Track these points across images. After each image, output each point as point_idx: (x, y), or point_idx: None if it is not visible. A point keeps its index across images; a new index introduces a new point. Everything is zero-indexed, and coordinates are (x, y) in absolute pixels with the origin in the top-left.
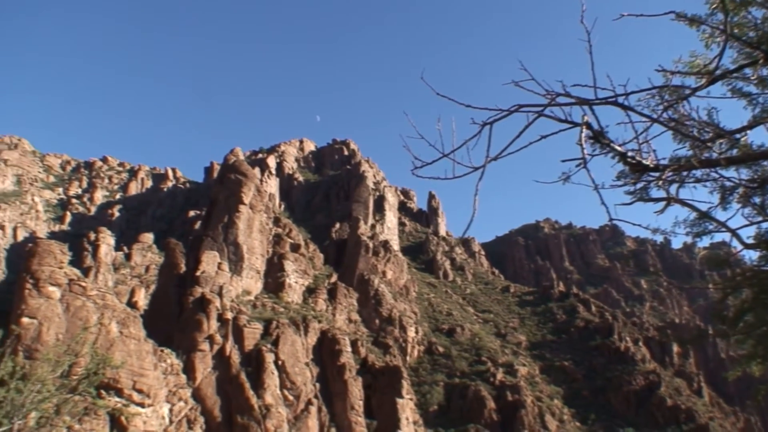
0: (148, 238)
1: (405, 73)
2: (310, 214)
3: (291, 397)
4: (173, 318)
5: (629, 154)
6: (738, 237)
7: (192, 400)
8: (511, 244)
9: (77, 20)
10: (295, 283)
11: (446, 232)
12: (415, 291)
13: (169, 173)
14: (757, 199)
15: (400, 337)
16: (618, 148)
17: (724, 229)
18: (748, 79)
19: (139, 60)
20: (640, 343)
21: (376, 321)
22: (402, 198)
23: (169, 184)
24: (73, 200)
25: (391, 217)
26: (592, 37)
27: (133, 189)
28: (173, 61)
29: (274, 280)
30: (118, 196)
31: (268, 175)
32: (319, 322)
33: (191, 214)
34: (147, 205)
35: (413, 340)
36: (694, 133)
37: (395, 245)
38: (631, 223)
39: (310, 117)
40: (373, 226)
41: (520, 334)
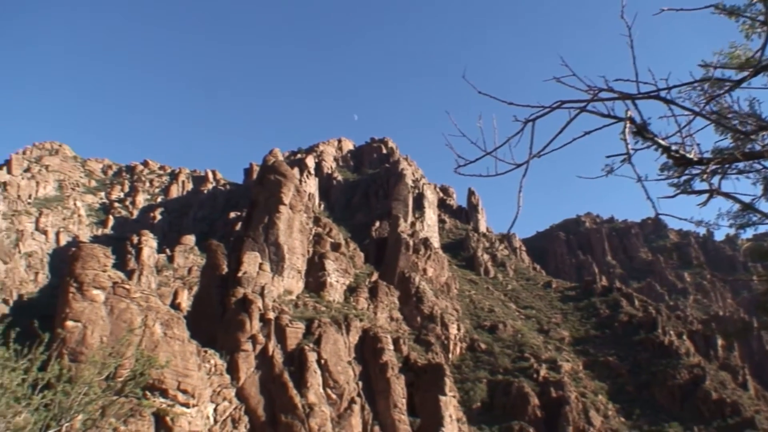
0: (190, 240)
1: (443, 71)
2: (350, 213)
3: (334, 396)
4: (216, 319)
5: (673, 148)
6: None
7: (236, 400)
8: (553, 240)
9: (116, 26)
10: (336, 282)
11: (486, 229)
12: (456, 288)
13: (209, 175)
14: None
15: (442, 335)
16: (662, 142)
17: None
18: None
19: (178, 64)
20: (684, 337)
21: (418, 319)
22: (441, 195)
23: (210, 186)
24: (116, 204)
25: (431, 214)
26: (633, 31)
27: (174, 192)
28: (212, 65)
29: (315, 279)
30: (159, 199)
31: (307, 175)
32: (361, 320)
33: (232, 215)
34: (188, 207)
35: (455, 337)
36: (736, 125)
37: (435, 242)
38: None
39: (348, 116)
40: (413, 224)
41: (563, 330)
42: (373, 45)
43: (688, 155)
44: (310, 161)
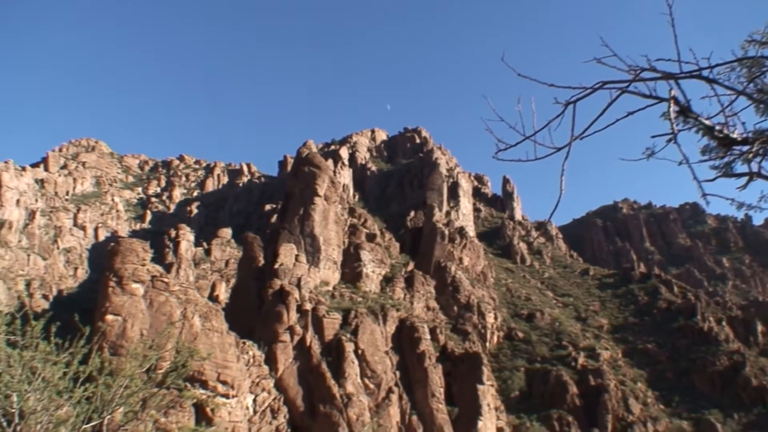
0: (227, 233)
1: (475, 58)
2: (385, 204)
3: (372, 386)
4: (254, 310)
5: (716, 128)
6: None
7: (275, 391)
8: (589, 226)
9: (152, 22)
10: (372, 272)
11: (522, 216)
12: (492, 277)
13: (244, 168)
14: None
15: (479, 324)
16: (706, 122)
17: None
18: None
19: (213, 59)
20: (724, 323)
21: (454, 308)
22: (476, 183)
23: (245, 180)
24: (153, 199)
25: (466, 203)
26: (674, 9)
27: (210, 186)
28: (246, 59)
29: (351, 270)
30: (195, 193)
31: (341, 166)
32: (398, 310)
33: (267, 207)
34: (224, 200)
35: (492, 326)
36: None
37: (471, 231)
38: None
39: (381, 106)
40: (448, 213)
41: (602, 318)
42: (405, 34)
43: (731, 135)
44: (344, 152)
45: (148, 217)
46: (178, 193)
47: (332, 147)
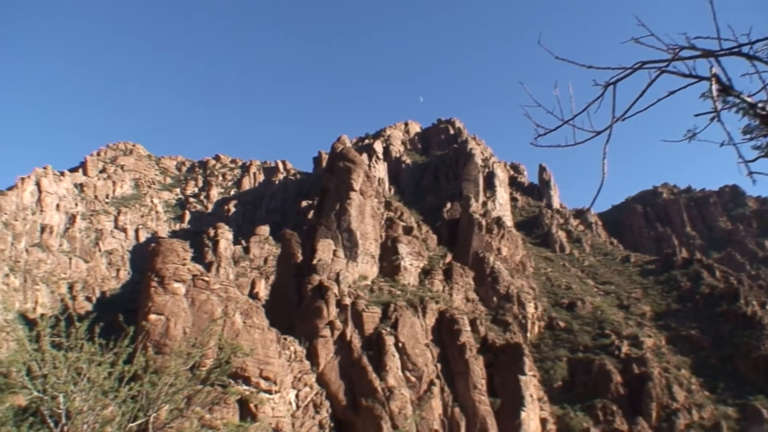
0: (264, 230)
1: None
2: (421, 196)
3: (413, 379)
4: (293, 306)
5: (759, 105)
6: None
7: (317, 385)
8: (629, 212)
9: (184, 24)
10: (410, 265)
11: (560, 204)
12: (531, 266)
13: (280, 166)
14: None
15: (520, 314)
16: (748, 100)
17: None
18: None
19: (243, 58)
20: None
21: (494, 299)
22: (512, 173)
23: (281, 177)
24: (191, 199)
25: (502, 192)
26: None
27: (247, 184)
28: (277, 56)
29: (389, 263)
30: (232, 192)
31: (376, 160)
32: (437, 302)
33: (304, 204)
34: (260, 198)
35: (533, 316)
36: None
37: (508, 221)
38: None
39: (413, 99)
40: (485, 204)
41: (644, 305)
42: (433, 25)
43: None
44: (378, 146)
45: (187, 217)
46: (216, 193)
47: (366, 141)
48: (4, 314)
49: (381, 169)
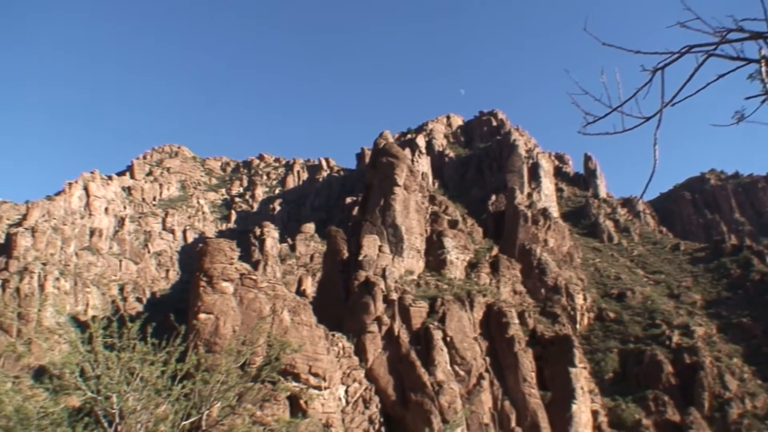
0: (310, 228)
1: (552, 34)
2: (465, 189)
3: (462, 373)
4: (341, 303)
5: None
6: None
7: (366, 381)
8: (677, 200)
9: (225, 25)
10: (456, 259)
11: (607, 194)
12: (579, 257)
13: (323, 163)
14: None
15: (568, 306)
16: None
17: None
18: None
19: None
20: None
21: (542, 291)
22: (557, 163)
23: (324, 174)
24: (237, 199)
25: (548, 183)
26: None
27: (291, 182)
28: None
29: (435, 257)
30: (277, 191)
31: (419, 155)
32: (484, 296)
33: (348, 200)
34: (305, 196)
35: (582, 307)
36: None
37: (554, 212)
38: None
39: (454, 92)
40: (530, 195)
41: (695, 294)
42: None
43: None
44: (421, 140)
45: (233, 217)
46: (261, 192)
47: (408, 136)
48: (56, 317)
49: (424, 164)
